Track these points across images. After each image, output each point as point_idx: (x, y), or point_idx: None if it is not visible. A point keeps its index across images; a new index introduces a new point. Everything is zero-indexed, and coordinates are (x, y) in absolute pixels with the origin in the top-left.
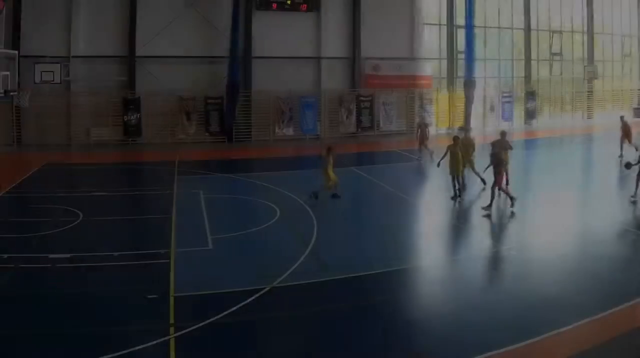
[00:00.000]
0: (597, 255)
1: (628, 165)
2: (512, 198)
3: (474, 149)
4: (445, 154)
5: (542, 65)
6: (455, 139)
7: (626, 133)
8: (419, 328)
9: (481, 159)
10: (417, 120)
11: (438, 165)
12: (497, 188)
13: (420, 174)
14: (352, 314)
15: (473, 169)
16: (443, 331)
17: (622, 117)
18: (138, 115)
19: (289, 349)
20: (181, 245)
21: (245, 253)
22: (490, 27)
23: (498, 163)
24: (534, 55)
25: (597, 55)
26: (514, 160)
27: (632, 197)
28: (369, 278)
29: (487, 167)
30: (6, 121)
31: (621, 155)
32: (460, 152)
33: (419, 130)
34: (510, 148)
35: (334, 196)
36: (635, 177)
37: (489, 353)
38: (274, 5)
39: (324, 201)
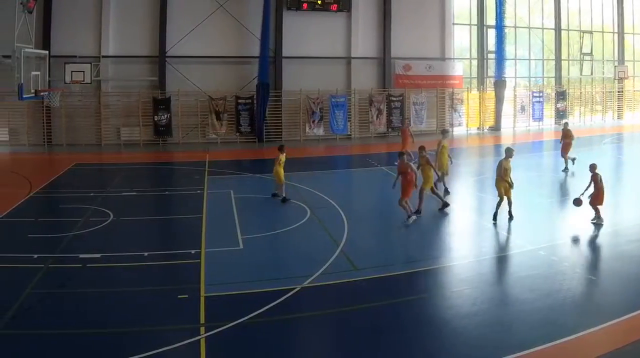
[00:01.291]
0: (627, 255)
1: (577, 202)
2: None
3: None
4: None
5: (573, 65)
6: (421, 149)
7: (566, 144)
8: (450, 327)
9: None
10: (406, 123)
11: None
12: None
13: (451, 174)
14: (382, 314)
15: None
16: (473, 330)
17: (565, 124)
18: (168, 115)
19: (319, 349)
20: (212, 245)
21: (276, 253)
22: (521, 27)
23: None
24: (564, 55)
25: (628, 55)
26: (543, 162)
27: None
28: (399, 278)
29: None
30: (37, 121)
31: (566, 169)
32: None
33: (403, 135)
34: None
35: (274, 195)
36: None
37: (520, 353)
38: (305, 5)
39: (355, 201)
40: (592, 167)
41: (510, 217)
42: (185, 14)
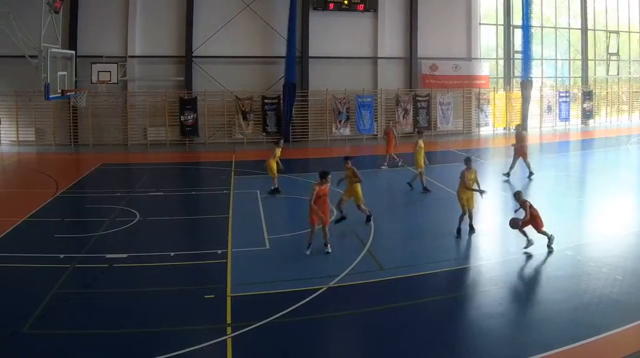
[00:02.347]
0: None
1: (513, 224)
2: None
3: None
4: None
5: (599, 65)
6: (345, 160)
7: (521, 148)
8: (477, 327)
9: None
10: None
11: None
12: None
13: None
14: (409, 314)
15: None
16: (500, 330)
17: (517, 127)
18: (195, 115)
19: (345, 349)
20: (238, 245)
21: (302, 253)
22: (547, 27)
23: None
24: (590, 55)
25: None
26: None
27: None
28: (425, 278)
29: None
30: (63, 121)
31: (508, 174)
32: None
33: (387, 137)
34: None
35: (274, 191)
36: None
37: (546, 353)
38: (331, 5)
39: (381, 201)
40: (518, 196)
41: (472, 230)
42: (211, 14)
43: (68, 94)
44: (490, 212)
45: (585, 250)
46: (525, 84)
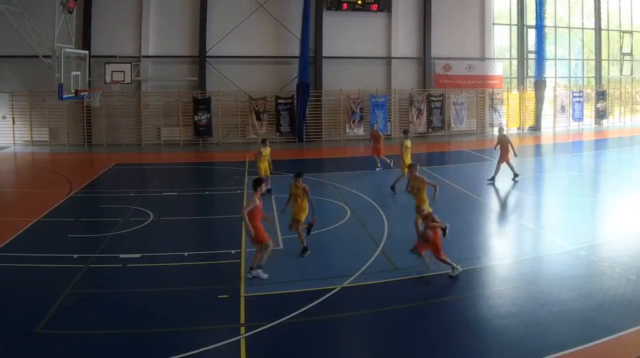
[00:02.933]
0: None
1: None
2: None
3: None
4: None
5: (613, 65)
6: (296, 177)
7: (505, 150)
8: (491, 327)
9: None
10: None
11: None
12: None
13: (490, 175)
14: (423, 314)
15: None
16: (514, 331)
17: (500, 130)
18: (208, 115)
19: (359, 350)
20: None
21: (316, 253)
22: (561, 27)
23: None
24: (604, 55)
25: None
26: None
27: None
28: (440, 278)
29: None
30: (77, 121)
31: (493, 179)
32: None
33: (373, 138)
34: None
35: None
36: None
37: (560, 353)
38: (345, 5)
39: (395, 201)
40: (420, 212)
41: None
42: (225, 14)
43: (82, 93)
44: (505, 214)
45: (598, 250)
46: (539, 84)
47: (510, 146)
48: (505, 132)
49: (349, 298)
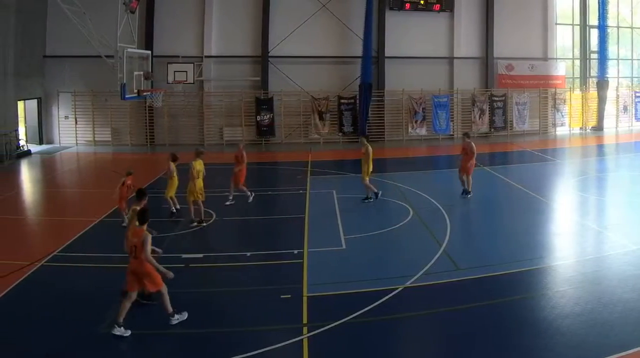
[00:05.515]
0: None
1: None
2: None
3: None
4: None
5: None
6: (197, 164)
7: (465, 161)
8: (553, 327)
9: None
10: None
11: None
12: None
13: (553, 175)
14: (485, 314)
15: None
16: (577, 331)
17: (465, 135)
18: (271, 115)
19: (420, 350)
20: (314, 245)
21: (378, 253)
22: (624, 27)
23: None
24: None
25: None
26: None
27: None
28: (502, 278)
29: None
30: (139, 121)
31: (468, 192)
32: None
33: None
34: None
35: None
36: None
37: (623, 353)
38: (407, 5)
39: (457, 201)
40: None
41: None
42: (287, 13)
43: (144, 94)
44: (567, 214)
45: None
46: (601, 84)
47: (469, 155)
48: (467, 138)
49: (411, 298)
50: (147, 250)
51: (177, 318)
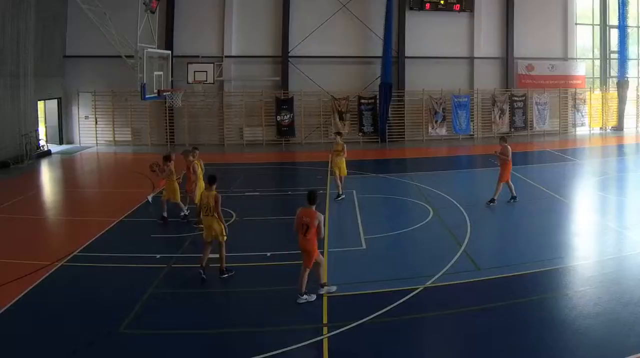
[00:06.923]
0: None
1: None
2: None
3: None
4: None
5: None
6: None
7: (503, 168)
8: (573, 327)
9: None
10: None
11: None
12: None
13: (573, 175)
14: (505, 314)
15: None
16: (597, 331)
17: (502, 139)
18: (291, 115)
19: (441, 350)
20: (334, 245)
21: (398, 253)
22: None
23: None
24: None
25: None
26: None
27: None
28: (522, 278)
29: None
30: (159, 121)
31: (493, 200)
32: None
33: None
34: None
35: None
36: None
37: None
38: (427, 6)
39: (477, 201)
40: None
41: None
42: (307, 13)
43: (164, 94)
44: (587, 213)
45: None
46: (622, 84)
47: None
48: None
49: (431, 298)
50: (322, 230)
51: (305, 299)
